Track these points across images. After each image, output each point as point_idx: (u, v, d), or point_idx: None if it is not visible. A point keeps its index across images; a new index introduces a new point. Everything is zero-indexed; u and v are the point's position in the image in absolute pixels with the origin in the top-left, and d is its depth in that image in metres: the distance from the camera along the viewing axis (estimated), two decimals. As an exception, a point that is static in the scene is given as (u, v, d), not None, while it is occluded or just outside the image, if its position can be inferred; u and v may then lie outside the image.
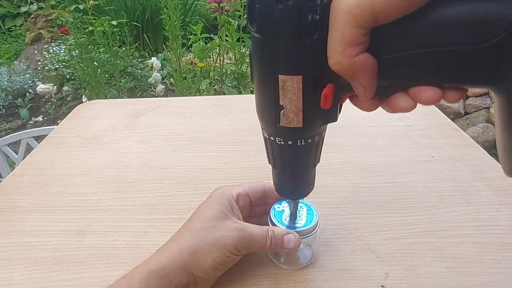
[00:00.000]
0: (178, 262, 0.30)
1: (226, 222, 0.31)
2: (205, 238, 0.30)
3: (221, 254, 0.30)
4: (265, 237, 0.32)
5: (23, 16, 3.64)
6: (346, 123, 0.63)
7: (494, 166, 0.51)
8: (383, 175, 0.50)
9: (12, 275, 0.36)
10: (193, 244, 0.30)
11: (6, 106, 2.45)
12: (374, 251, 0.37)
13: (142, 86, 2.44)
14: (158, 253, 0.31)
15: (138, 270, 0.30)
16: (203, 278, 0.31)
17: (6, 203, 0.46)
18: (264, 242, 0.32)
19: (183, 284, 0.30)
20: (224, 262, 0.31)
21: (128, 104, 0.73)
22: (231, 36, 1.71)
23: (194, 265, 0.30)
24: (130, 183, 0.50)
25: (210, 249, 0.30)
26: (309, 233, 0.34)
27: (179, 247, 0.30)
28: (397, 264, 0.36)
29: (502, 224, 0.41)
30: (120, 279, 0.30)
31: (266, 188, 0.37)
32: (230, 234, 0.31)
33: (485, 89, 0.28)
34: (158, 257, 0.30)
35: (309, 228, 0.34)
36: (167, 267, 0.29)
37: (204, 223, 0.31)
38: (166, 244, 0.32)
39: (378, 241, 0.39)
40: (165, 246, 0.31)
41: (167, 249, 0.31)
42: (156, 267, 0.29)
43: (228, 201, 0.33)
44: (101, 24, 1.94)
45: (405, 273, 0.35)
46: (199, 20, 3.27)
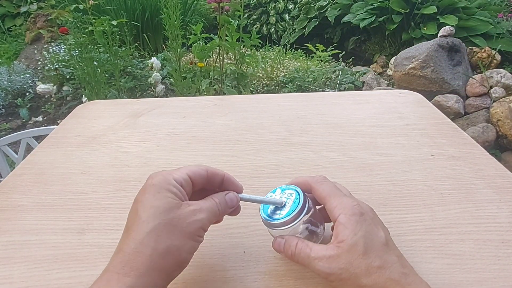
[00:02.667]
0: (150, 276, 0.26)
1: (182, 208, 0.29)
2: (171, 234, 0.27)
3: (193, 242, 0.29)
4: (216, 205, 0.31)
5: (23, 16, 3.64)
6: (346, 122, 0.63)
7: (494, 165, 0.51)
8: (383, 173, 0.50)
9: (12, 273, 0.36)
10: (162, 247, 0.27)
11: (6, 106, 2.45)
12: (375, 249, 0.37)
13: (142, 86, 2.44)
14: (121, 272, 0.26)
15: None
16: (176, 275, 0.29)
17: (6, 202, 0.46)
18: (217, 211, 0.31)
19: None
20: (195, 249, 0.29)
21: (128, 104, 0.73)
22: (231, 36, 1.71)
23: (169, 267, 0.27)
24: (130, 181, 0.50)
25: (182, 244, 0.28)
26: (282, 226, 0.32)
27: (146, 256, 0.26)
28: (397, 261, 0.36)
29: (502, 222, 0.41)
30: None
31: (208, 172, 0.33)
32: (193, 219, 0.28)
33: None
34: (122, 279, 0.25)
35: (282, 222, 0.32)
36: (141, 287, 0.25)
37: (161, 217, 0.27)
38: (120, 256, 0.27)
39: (378, 239, 0.39)
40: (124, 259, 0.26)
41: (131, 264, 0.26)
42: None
43: (174, 186, 0.30)
44: (101, 24, 1.94)
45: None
46: (199, 20, 3.27)
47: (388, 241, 0.31)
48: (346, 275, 0.28)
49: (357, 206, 0.31)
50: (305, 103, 0.71)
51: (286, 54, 3.12)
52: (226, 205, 0.32)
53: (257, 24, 3.78)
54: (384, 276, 0.28)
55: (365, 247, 0.29)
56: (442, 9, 2.74)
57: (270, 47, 3.44)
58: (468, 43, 2.52)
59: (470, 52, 2.43)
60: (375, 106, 0.69)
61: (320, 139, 0.58)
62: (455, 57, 2.31)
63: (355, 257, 0.29)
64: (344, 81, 2.55)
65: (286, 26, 3.66)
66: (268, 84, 2.57)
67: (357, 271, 0.28)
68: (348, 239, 0.29)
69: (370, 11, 2.98)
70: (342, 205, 0.32)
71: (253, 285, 0.34)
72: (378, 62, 2.94)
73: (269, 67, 2.68)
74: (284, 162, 0.53)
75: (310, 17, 3.44)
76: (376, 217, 0.32)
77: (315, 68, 2.71)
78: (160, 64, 2.61)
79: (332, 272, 0.29)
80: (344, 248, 0.29)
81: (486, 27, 2.59)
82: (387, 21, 2.90)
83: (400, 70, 2.29)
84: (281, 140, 0.59)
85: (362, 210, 0.31)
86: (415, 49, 2.31)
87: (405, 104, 0.70)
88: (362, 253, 0.29)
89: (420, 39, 2.65)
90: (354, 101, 0.71)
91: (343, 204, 0.32)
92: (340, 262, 0.29)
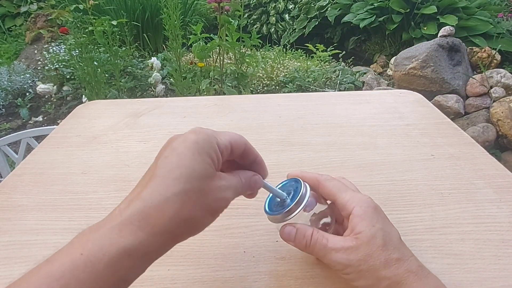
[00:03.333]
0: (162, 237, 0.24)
1: (215, 180, 0.27)
2: (196, 205, 0.25)
3: (212, 218, 0.27)
4: (241, 185, 0.30)
5: (23, 16, 3.64)
6: (346, 122, 0.63)
7: (494, 165, 0.51)
8: (384, 173, 0.50)
9: (12, 273, 0.36)
10: (184, 215, 0.25)
11: (6, 106, 2.45)
12: (375, 249, 0.37)
13: (142, 86, 2.44)
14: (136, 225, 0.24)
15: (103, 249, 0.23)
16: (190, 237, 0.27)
17: (7, 202, 0.46)
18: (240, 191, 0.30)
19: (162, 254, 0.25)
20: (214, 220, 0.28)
21: (128, 104, 0.73)
22: (231, 36, 1.71)
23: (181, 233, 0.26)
24: (130, 181, 0.50)
25: (202, 217, 0.26)
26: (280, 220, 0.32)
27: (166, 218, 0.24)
28: (397, 261, 0.36)
29: (502, 221, 0.41)
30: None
31: (246, 147, 0.31)
32: (221, 196, 0.27)
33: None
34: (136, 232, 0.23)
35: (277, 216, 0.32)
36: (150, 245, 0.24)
37: (194, 183, 0.25)
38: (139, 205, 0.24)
39: (378, 239, 0.39)
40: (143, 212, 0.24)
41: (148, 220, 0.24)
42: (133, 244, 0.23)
43: (215, 152, 0.27)
44: (101, 24, 1.94)
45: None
46: (199, 20, 3.27)
47: (400, 235, 0.31)
48: (365, 266, 0.28)
49: (370, 199, 0.32)
50: (305, 103, 0.71)
51: (286, 54, 3.12)
52: (249, 187, 0.31)
53: (257, 24, 3.78)
54: (403, 268, 0.28)
55: (384, 239, 0.29)
56: (442, 9, 2.74)
57: (270, 47, 3.44)
58: (468, 43, 2.52)
59: (470, 52, 2.43)
60: (375, 106, 0.69)
61: (320, 139, 0.58)
62: (455, 57, 2.31)
63: (374, 248, 0.28)
64: (344, 81, 2.55)
65: (286, 26, 3.66)
66: (268, 84, 2.57)
67: (376, 263, 0.28)
68: (367, 230, 0.29)
69: (370, 11, 2.98)
70: (355, 198, 0.31)
71: (253, 285, 0.34)
72: (378, 62, 2.94)
73: (269, 67, 2.68)
74: (284, 162, 0.53)
75: (310, 17, 3.44)
76: (383, 212, 0.33)
77: (315, 68, 2.71)
78: (160, 64, 2.61)
79: (350, 264, 0.29)
80: (363, 240, 0.29)
81: (486, 27, 2.59)
82: (387, 21, 2.90)
83: (400, 70, 2.29)
84: (281, 140, 0.59)
85: (375, 204, 0.31)
86: (415, 49, 2.31)
87: (405, 104, 0.70)
88: (381, 245, 0.29)
89: (420, 39, 2.65)
90: (354, 101, 0.71)
91: (356, 198, 0.32)
92: (359, 253, 0.28)
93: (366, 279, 0.28)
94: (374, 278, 0.28)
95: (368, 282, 0.28)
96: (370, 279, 0.28)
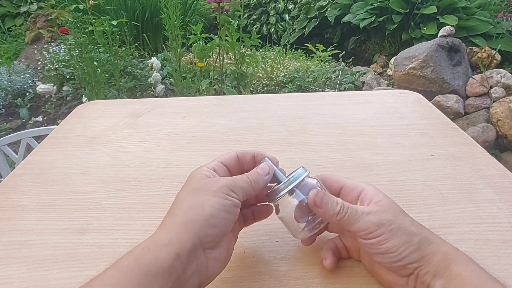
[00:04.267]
0: (174, 227, 0.28)
1: (208, 178, 0.32)
2: (195, 195, 0.30)
3: (217, 198, 0.30)
4: (245, 176, 0.33)
5: (23, 16, 3.65)
6: (345, 122, 0.63)
7: (494, 165, 0.51)
8: (383, 173, 0.50)
9: (12, 274, 0.36)
10: (186, 204, 0.30)
11: (6, 106, 2.45)
12: (375, 249, 0.37)
13: (142, 86, 2.44)
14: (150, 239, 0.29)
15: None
16: (209, 236, 0.29)
17: (7, 202, 0.46)
18: (247, 180, 0.32)
19: (187, 248, 0.27)
20: (224, 207, 0.29)
21: (128, 104, 0.73)
22: (231, 36, 1.71)
23: (192, 220, 0.28)
24: (130, 181, 0.50)
25: (204, 199, 0.29)
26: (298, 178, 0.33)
27: (172, 215, 0.30)
28: (397, 261, 0.36)
29: (502, 222, 0.41)
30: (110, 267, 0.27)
31: (238, 154, 0.36)
32: (217, 181, 0.31)
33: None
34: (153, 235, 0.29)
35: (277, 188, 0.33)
36: (162, 238, 0.28)
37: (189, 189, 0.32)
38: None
39: (378, 239, 0.39)
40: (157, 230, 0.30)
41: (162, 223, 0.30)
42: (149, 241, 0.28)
43: (206, 171, 0.33)
44: (101, 24, 1.94)
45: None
46: (199, 20, 3.27)
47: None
48: (396, 225, 0.30)
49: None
50: (305, 103, 0.71)
51: (286, 54, 3.12)
52: (258, 174, 0.33)
53: (257, 24, 3.78)
54: (426, 229, 0.31)
55: (400, 209, 0.33)
56: (442, 9, 2.74)
57: (270, 47, 3.44)
58: (468, 43, 2.52)
59: (470, 52, 2.43)
60: (375, 106, 0.69)
61: (320, 139, 0.58)
62: (455, 57, 2.31)
63: (397, 213, 0.32)
64: (344, 81, 2.55)
65: (286, 26, 3.66)
66: (268, 84, 2.57)
67: (404, 222, 0.31)
68: (385, 199, 0.33)
69: (370, 11, 2.98)
70: (362, 183, 0.35)
71: (253, 285, 0.34)
72: (378, 62, 2.94)
73: (269, 67, 2.68)
74: (284, 162, 0.53)
75: (310, 17, 3.44)
76: None
77: (315, 68, 2.71)
78: (160, 64, 2.61)
79: (382, 223, 0.30)
80: (386, 206, 0.32)
81: (486, 27, 2.59)
82: (387, 21, 2.90)
83: (400, 70, 2.29)
84: (281, 140, 0.59)
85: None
86: (415, 49, 2.31)
87: (405, 104, 0.70)
88: (401, 212, 0.32)
89: (420, 39, 2.65)
90: (354, 101, 0.71)
91: (362, 183, 0.35)
92: (388, 214, 0.31)
93: (398, 237, 0.30)
94: (407, 234, 0.30)
95: (401, 240, 0.30)
96: (402, 236, 0.30)
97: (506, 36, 2.58)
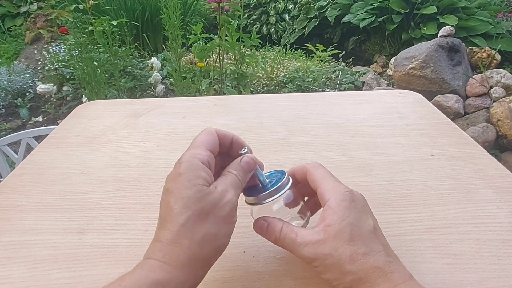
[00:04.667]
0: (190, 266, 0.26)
1: (211, 194, 0.28)
2: (205, 222, 0.27)
3: (228, 225, 0.29)
4: (237, 178, 0.31)
5: (23, 16, 3.65)
6: (345, 122, 0.63)
7: (494, 165, 0.51)
8: (383, 173, 0.50)
9: (12, 273, 0.36)
10: (199, 237, 0.27)
11: (6, 106, 2.45)
12: (374, 249, 0.37)
13: (142, 86, 2.44)
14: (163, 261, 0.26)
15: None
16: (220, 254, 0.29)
17: (6, 202, 0.46)
18: (240, 183, 0.31)
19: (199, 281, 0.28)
20: (233, 227, 0.29)
21: (128, 104, 0.73)
22: (231, 36, 1.71)
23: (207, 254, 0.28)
24: (130, 181, 0.50)
25: (217, 229, 0.28)
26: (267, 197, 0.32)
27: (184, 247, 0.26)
28: (397, 261, 0.36)
29: (502, 222, 0.41)
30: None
31: (219, 135, 0.33)
32: (224, 202, 0.28)
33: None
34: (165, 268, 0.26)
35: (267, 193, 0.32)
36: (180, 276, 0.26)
37: (193, 207, 0.27)
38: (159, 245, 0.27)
39: (378, 239, 0.39)
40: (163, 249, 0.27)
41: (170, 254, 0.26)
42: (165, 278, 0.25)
43: (203, 170, 0.29)
44: (101, 24, 1.94)
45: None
46: (199, 20, 3.27)
47: (376, 229, 0.31)
48: (331, 261, 0.29)
49: (349, 192, 0.32)
50: (305, 103, 0.71)
51: (286, 54, 3.12)
52: (245, 172, 0.32)
53: (257, 24, 3.78)
54: (369, 263, 0.28)
55: (351, 234, 0.29)
56: (442, 9, 2.74)
57: (270, 47, 3.44)
58: (468, 43, 2.52)
59: (470, 52, 2.43)
60: (375, 106, 0.69)
61: (320, 139, 0.58)
62: (455, 57, 2.31)
63: (340, 243, 0.29)
64: (344, 81, 2.55)
65: (286, 26, 3.66)
66: (268, 84, 2.57)
67: (341, 257, 0.28)
68: (336, 224, 0.29)
69: (370, 11, 2.98)
70: (334, 189, 0.32)
71: (253, 285, 0.34)
72: (378, 62, 2.94)
73: (269, 67, 2.68)
74: (284, 162, 0.53)
75: (310, 17, 3.44)
76: (366, 206, 0.33)
77: (315, 68, 2.71)
78: (160, 64, 2.61)
79: (317, 258, 0.29)
80: (331, 233, 0.29)
81: (486, 27, 2.59)
82: (387, 21, 2.90)
83: (400, 70, 2.29)
84: (281, 140, 0.59)
85: (353, 197, 0.31)
86: (415, 49, 2.31)
87: (405, 104, 0.70)
88: (348, 240, 0.29)
89: (420, 39, 2.65)
90: (354, 101, 0.71)
91: (335, 188, 0.32)
92: (325, 247, 0.29)
93: (332, 273, 0.29)
94: (339, 272, 0.28)
95: (334, 276, 0.29)
96: (335, 273, 0.29)
97: (506, 36, 2.58)
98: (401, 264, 0.30)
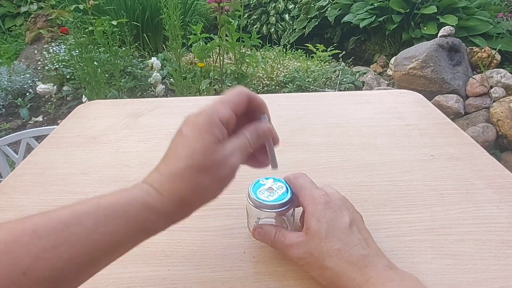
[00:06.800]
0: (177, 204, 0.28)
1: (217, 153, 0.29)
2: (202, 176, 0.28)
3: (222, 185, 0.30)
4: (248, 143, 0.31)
5: (23, 16, 3.65)
6: (345, 122, 0.63)
7: (494, 165, 0.51)
8: (383, 173, 0.50)
9: (12, 274, 0.36)
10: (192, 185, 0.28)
11: (6, 106, 2.45)
12: (375, 249, 0.37)
13: (142, 86, 2.45)
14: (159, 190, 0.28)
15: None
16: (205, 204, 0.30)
17: (7, 202, 0.46)
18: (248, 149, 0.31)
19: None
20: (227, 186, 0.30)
21: (128, 104, 0.73)
22: (231, 36, 1.72)
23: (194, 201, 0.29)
24: (130, 181, 0.49)
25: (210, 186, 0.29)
26: (269, 208, 0.35)
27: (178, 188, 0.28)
28: (397, 261, 0.36)
29: (502, 222, 0.41)
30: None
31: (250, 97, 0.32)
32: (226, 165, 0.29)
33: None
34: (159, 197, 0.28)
35: (270, 205, 0.35)
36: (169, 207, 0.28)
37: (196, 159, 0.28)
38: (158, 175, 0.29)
39: (378, 239, 0.38)
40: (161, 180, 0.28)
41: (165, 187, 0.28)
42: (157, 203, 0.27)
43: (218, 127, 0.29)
44: (101, 24, 1.94)
45: (406, 270, 0.35)
46: (199, 20, 3.27)
47: (352, 225, 0.33)
48: (311, 259, 0.32)
49: (323, 195, 0.34)
50: (305, 103, 0.71)
51: (286, 54, 3.12)
52: (258, 139, 0.33)
53: (257, 24, 3.78)
54: (344, 258, 0.31)
55: (327, 232, 0.32)
56: (442, 9, 2.74)
57: (270, 47, 3.44)
58: (468, 43, 2.52)
59: (470, 52, 2.43)
60: (375, 106, 0.69)
61: (320, 139, 0.58)
62: (455, 57, 2.31)
63: (318, 241, 0.32)
64: (344, 81, 2.55)
65: (286, 26, 3.66)
66: (268, 84, 2.57)
67: (320, 255, 0.31)
68: (313, 225, 0.32)
69: (370, 11, 2.98)
70: (311, 195, 0.35)
71: (253, 285, 0.34)
72: (378, 62, 2.94)
73: (269, 67, 2.67)
74: (284, 162, 0.53)
75: (310, 17, 3.44)
76: (344, 205, 0.35)
77: (315, 68, 2.71)
78: (160, 64, 2.61)
79: (301, 257, 0.33)
80: (310, 235, 0.32)
81: (486, 27, 2.59)
82: (387, 21, 2.90)
83: (400, 70, 2.29)
84: (281, 140, 0.58)
85: (328, 199, 0.34)
86: (415, 49, 2.31)
87: (405, 104, 0.70)
88: (324, 237, 0.32)
89: (420, 39, 2.65)
90: (354, 101, 0.71)
91: (312, 195, 0.35)
92: (305, 247, 0.32)
93: (315, 269, 0.32)
94: (320, 268, 0.31)
95: (317, 272, 0.32)
96: (318, 269, 0.32)
97: (506, 36, 2.58)
98: (380, 255, 0.32)
